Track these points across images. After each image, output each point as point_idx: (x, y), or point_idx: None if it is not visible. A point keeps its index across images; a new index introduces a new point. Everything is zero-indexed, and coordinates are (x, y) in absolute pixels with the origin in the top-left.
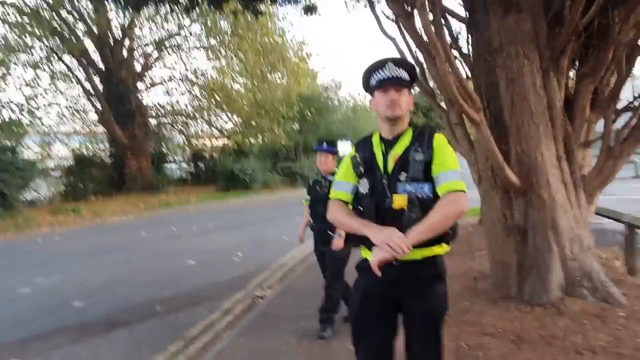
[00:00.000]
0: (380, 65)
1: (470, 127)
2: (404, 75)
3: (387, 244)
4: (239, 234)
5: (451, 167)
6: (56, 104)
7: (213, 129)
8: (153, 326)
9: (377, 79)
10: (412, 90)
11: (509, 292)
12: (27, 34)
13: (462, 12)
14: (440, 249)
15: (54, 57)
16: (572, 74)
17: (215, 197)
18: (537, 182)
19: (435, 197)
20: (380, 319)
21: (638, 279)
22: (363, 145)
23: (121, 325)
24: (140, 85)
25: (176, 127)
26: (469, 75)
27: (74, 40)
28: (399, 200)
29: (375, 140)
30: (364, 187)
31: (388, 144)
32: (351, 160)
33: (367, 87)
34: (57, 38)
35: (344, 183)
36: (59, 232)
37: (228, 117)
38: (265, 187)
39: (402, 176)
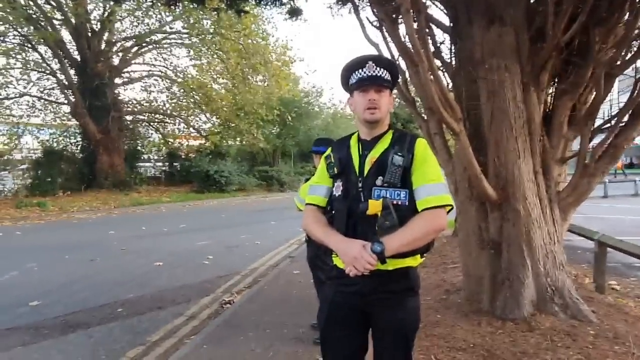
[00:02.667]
0: (360, 63)
1: (450, 139)
2: (385, 75)
3: (354, 265)
4: (211, 236)
5: (434, 179)
6: (28, 94)
7: (190, 128)
8: (113, 330)
9: (356, 78)
10: (392, 91)
11: (481, 306)
12: (0, 21)
13: (446, 21)
14: (414, 261)
15: (27, 46)
16: (551, 90)
17: (189, 198)
18: (513, 195)
19: (412, 204)
20: (348, 331)
21: (606, 297)
22: (340, 146)
23: (79, 328)
24: (117, 80)
25: (153, 125)
26: (450, 85)
27: (50, 29)
28: (374, 206)
29: (353, 140)
30: (338, 188)
31: (366, 146)
32: (325, 160)
33: (346, 86)
34: (31, 26)
35: (318, 187)
36: (21, 227)
37: (206, 117)
38: (241, 190)
39: (379, 180)
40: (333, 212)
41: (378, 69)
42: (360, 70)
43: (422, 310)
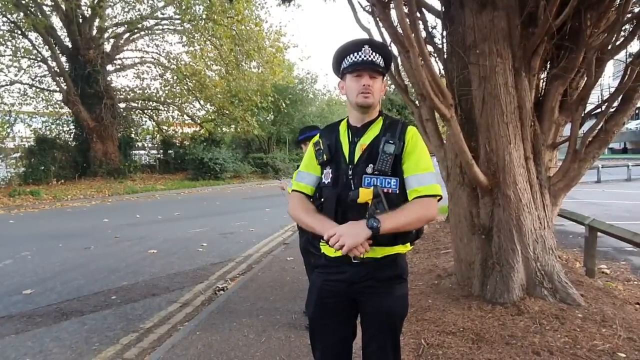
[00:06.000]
0: (355, 46)
1: (443, 126)
2: (380, 60)
3: (349, 243)
4: (205, 223)
5: (426, 169)
6: (19, 81)
7: (185, 116)
8: (106, 317)
9: (350, 61)
10: (385, 78)
11: (472, 290)
12: None
13: (438, 5)
14: (403, 249)
15: (17, 33)
16: (543, 75)
17: (184, 186)
18: (504, 181)
19: (402, 192)
20: (337, 319)
21: (596, 281)
22: (329, 132)
23: (72, 315)
24: (109, 67)
25: (146, 112)
26: (442, 71)
27: (40, 16)
28: (365, 194)
29: (343, 127)
30: (327, 176)
31: (356, 133)
32: (314, 147)
33: (338, 69)
34: (21, 12)
35: (306, 174)
36: (15, 216)
37: (200, 104)
38: (236, 177)
39: (369, 168)
40: (322, 200)
41: (373, 54)
42: (355, 54)
43: (414, 295)
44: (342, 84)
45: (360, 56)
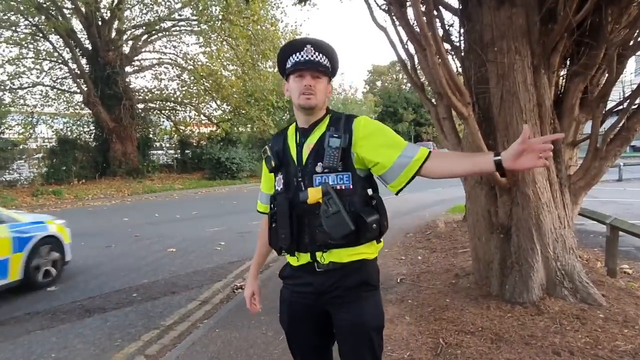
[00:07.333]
0: (298, 47)
1: (460, 124)
2: (324, 60)
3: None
4: (223, 222)
5: (403, 145)
6: (41, 83)
7: (201, 116)
8: (128, 314)
9: (293, 61)
10: (331, 80)
11: (491, 290)
12: (11, 10)
13: (455, 3)
14: (369, 250)
15: (39, 35)
16: (563, 72)
17: (201, 185)
18: (523, 179)
19: (355, 187)
20: (313, 326)
21: (618, 281)
22: (277, 138)
23: (95, 312)
24: (128, 68)
25: (164, 112)
26: (459, 69)
27: (60, 18)
28: (313, 194)
29: (290, 131)
30: (279, 183)
31: (303, 134)
32: (263, 155)
33: (283, 71)
34: (42, 15)
35: (262, 193)
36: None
37: (217, 104)
38: (253, 177)
39: (318, 167)
40: (275, 208)
41: (316, 53)
42: (297, 54)
43: (432, 295)
44: (287, 86)
45: (302, 56)
